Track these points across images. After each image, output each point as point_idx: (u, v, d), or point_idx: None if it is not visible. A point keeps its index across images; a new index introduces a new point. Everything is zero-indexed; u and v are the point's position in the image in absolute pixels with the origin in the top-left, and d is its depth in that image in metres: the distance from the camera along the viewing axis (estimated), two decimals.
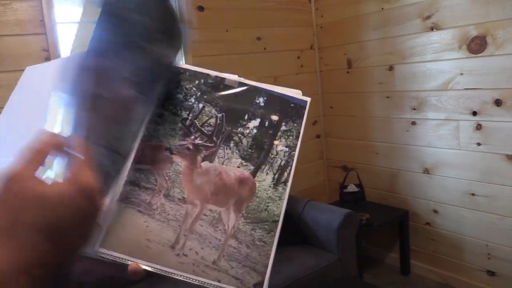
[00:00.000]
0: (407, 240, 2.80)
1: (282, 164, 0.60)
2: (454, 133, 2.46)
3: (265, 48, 2.97)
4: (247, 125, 0.61)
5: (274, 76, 3.03)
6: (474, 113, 2.33)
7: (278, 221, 0.57)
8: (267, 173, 0.59)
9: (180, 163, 0.57)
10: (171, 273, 0.52)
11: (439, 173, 2.59)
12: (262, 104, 0.62)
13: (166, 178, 0.57)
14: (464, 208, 2.49)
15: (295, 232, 2.49)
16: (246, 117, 0.61)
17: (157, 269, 0.52)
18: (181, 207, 0.55)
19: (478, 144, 2.35)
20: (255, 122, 0.61)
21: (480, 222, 2.42)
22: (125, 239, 0.52)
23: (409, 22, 2.57)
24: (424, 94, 2.58)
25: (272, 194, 0.58)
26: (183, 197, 0.56)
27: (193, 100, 0.61)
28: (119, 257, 0.51)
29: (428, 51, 2.50)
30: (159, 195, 0.56)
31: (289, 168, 0.60)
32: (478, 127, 2.33)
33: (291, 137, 0.62)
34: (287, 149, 0.61)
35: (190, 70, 0.62)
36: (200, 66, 0.63)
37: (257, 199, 0.58)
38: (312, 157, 3.34)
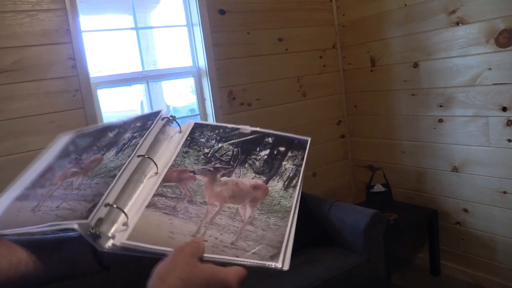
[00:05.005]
0: (436, 240, 2.74)
1: (290, 175, 0.69)
2: (483, 130, 2.39)
3: (286, 49, 2.96)
4: (259, 154, 0.72)
5: (297, 77, 3.01)
6: (504, 109, 2.27)
7: (290, 210, 0.62)
8: (277, 181, 0.68)
9: (202, 180, 0.66)
10: None
11: (468, 171, 2.52)
12: (270, 141, 0.75)
13: (189, 189, 0.64)
14: (495, 207, 2.42)
15: (321, 233, 2.48)
16: (258, 149, 0.73)
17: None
18: (202, 207, 0.61)
19: (509, 140, 2.28)
20: (266, 152, 0.73)
21: None
22: (149, 233, 0.55)
23: (433, 17, 2.51)
24: (451, 90, 2.52)
25: (284, 194, 0.65)
26: (204, 201, 0.62)
27: (213, 142, 0.74)
28: (142, 247, 0.53)
29: (454, 46, 2.44)
30: (183, 201, 0.61)
31: (297, 177, 0.69)
32: (509, 123, 2.26)
33: (296, 159, 0.72)
34: (294, 166, 0.71)
35: (212, 124, 0.77)
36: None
37: (270, 197, 0.64)
38: (337, 157, 3.31)
